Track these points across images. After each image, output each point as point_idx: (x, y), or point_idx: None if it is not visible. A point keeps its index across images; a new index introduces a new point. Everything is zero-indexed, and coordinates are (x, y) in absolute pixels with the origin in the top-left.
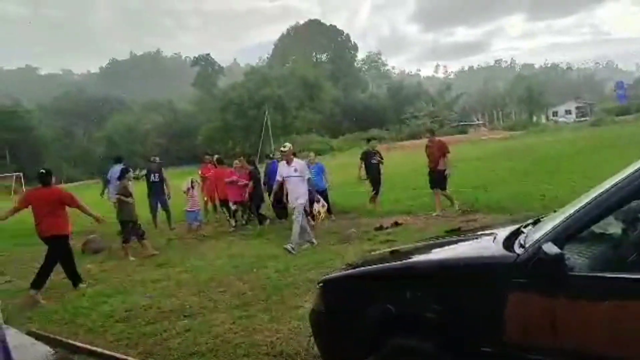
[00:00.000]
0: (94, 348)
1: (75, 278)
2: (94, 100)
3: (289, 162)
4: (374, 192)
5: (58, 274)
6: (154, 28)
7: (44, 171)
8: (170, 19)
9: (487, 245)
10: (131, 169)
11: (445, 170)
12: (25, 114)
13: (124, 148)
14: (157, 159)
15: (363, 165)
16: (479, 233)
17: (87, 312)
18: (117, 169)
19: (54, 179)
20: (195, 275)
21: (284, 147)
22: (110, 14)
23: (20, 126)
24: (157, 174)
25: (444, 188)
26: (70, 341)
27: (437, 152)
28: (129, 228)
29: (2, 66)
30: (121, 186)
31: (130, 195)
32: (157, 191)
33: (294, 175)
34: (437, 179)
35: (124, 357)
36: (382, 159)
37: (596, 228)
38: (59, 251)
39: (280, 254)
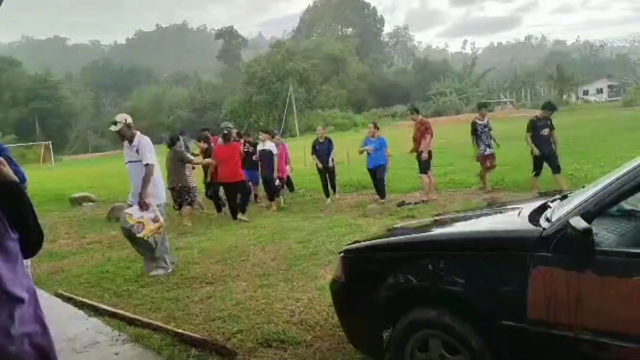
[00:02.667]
0: (118, 310)
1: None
2: (121, 71)
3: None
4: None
5: (80, 240)
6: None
7: (226, 131)
8: None
9: (511, 219)
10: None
11: (422, 152)
12: (55, 83)
13: (150, 119)
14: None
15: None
16: (504, 207)
17: (112, 276)
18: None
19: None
20: (218, 244)
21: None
22: None
23: (51, 95)
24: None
25: (424, 171)
26: (95, 303)
27: (418, 134)
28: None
29: (32, 36)
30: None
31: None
32: None
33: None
34: (423, 161)
35: (147, 320)
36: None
37: (625, 204)
38: (242, 189)
39: (301, 226)
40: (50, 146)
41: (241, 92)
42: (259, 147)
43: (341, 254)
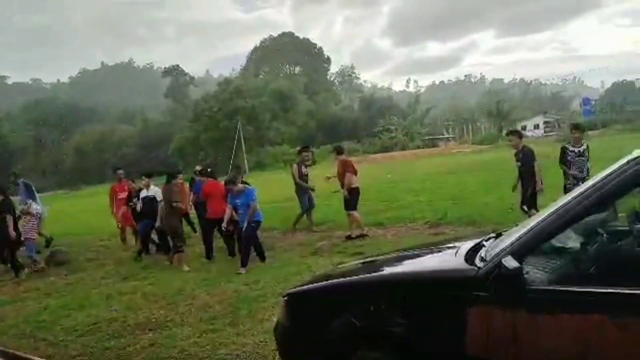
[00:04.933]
0: None
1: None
2: (64, 109)
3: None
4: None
5: (15, 287)
6: (127, 38)
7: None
8: (144, 28)
9: (449, 258)
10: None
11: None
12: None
13: (94, 158)
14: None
15: None
16: (442, 246)
17: (49, 325)
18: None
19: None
20: (162, 287)
21: None
22: (82, 23)
23: None
24: None
25: (348, 209)
26: (29, 356)
27: (341, 172)
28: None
29: None
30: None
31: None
32: None
33: None
34: (345, 200)
35: None
36: None
37: (555, 242)
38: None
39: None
40: None
41: (189, 130)
42: (142, 194)
43: (284, 298)
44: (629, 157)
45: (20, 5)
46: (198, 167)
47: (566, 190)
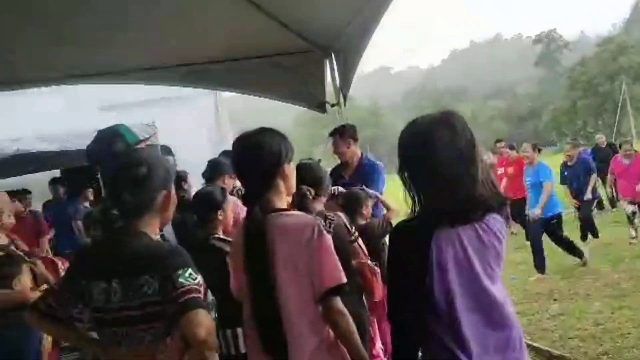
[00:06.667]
0: None
1: None
2: (436, 93)
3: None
4: None
5: None
6: (493, 12)
7: None
8: None
9: None
10: None
11: None
12: (382, 111)
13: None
14: None
15: None
16: None
17: None
18: None
19: None
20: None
21: None
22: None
23: (379, 123)
24: None
25: None
26: None
27: None
28: None
29: (362, 70)
30: None
31: None
32: None
33: None
34: None
35: None
36: None
37: None
38: None
39: None
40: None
41: (563, 99)
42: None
43: None
44: None
45: None
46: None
47: None
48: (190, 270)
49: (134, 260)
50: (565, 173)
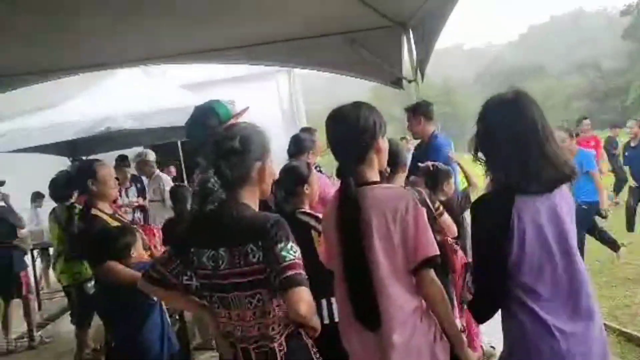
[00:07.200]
0: None
1: None
2: (509, 69)
3: None
4: None
5: None
6: None
7: None
8: None
9: None
10: None
11: None
12: (454, 89)
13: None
14: None
15: None
16: None
17: None
18: None
19: None
20: None
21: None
22: None
23: (451, 102)
24: None
25: None
26: None
27: None
28: None
29: (436, 46)
30: None
31: None
32: None
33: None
34: None
35: None
36: None
37: None
38: None
39: None
40: None
41: None
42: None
43: None
44: None
45: None
46: None
47: None
48: (291, 243)
49: (240, 229)
50: (626, 154)
